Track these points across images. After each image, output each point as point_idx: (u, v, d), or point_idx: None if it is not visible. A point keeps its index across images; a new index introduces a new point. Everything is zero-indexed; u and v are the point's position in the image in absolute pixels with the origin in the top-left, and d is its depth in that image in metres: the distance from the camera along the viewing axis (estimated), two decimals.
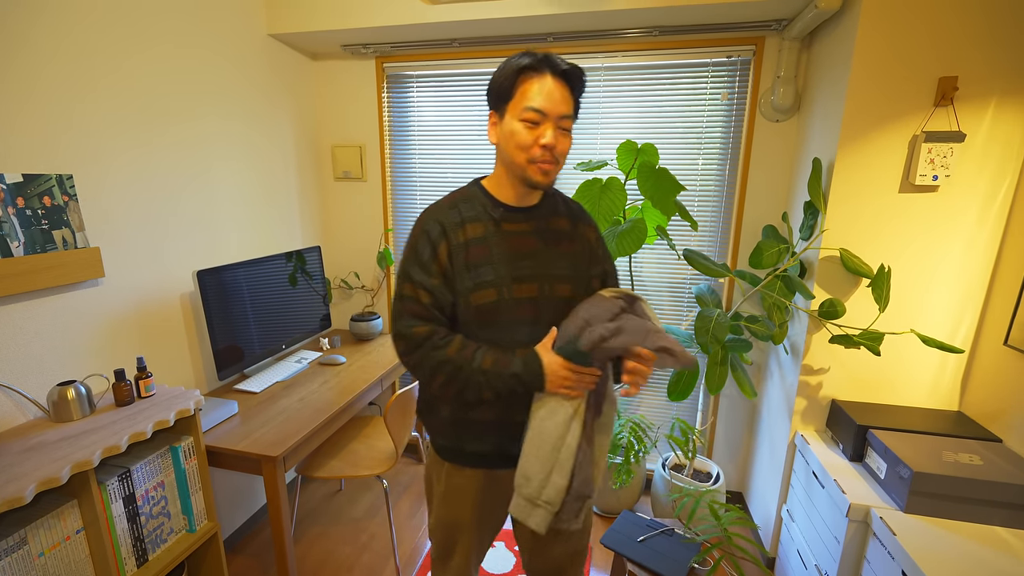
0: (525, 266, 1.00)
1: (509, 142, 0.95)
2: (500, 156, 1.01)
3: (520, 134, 0.93)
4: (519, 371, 0.95)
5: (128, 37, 1.49)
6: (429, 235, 0.99)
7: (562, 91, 0.92)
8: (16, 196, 1.22)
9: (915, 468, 1.30)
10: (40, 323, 1.31)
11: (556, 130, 0.94)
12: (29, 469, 1.06)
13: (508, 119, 0.95)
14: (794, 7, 1.68)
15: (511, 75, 0.92)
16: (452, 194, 1.05)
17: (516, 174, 0.98)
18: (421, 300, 0.98)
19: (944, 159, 1.45)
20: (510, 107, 0.94)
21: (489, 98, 0.99)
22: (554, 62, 0.92)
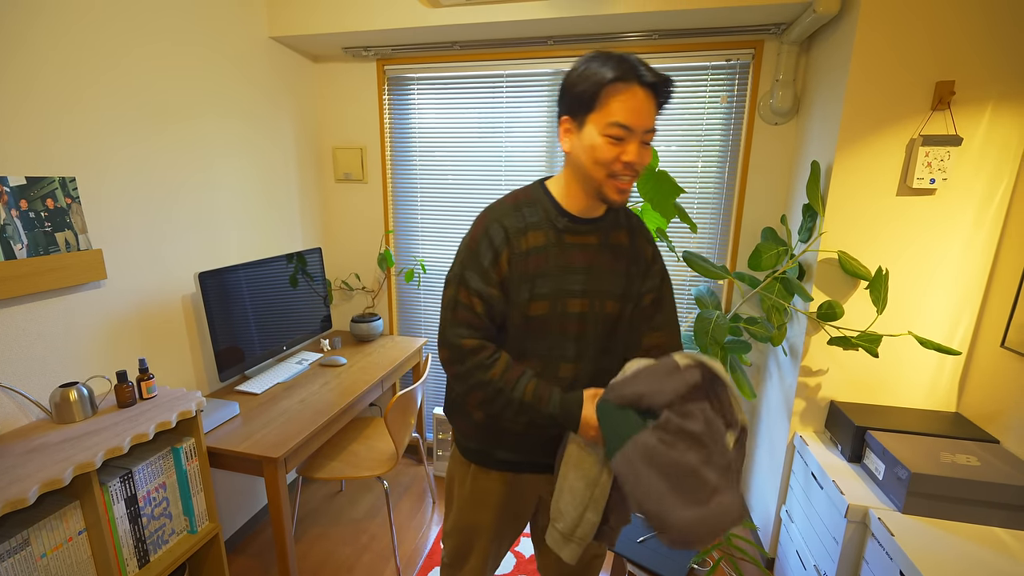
0: (579, 280, 0.96)
1: (587, 155, 0.89)
2: (572, 165, 0.94)
3: (601, 149, 0.87)
4: (555, 413, 0.93)
5: (130, 40, 1.50)
6: (492, 240, 0.93)
7: (649, 103, 0.86)
8: (19, 199, 1.22)
9: (913, 469, 1.30)
10: (43, 325, 1.31)
11: (640, 145, 0.87)
12: (32, 470, 1.06)
13: (588, 131, 0.88)
14: (792, 11, 1.69)
15: (595, 85, 0.84)
16: (515, 194, 0.99)
17: (590, 188, 0.92)
18: (475, 309, 0.93)
19: (941, 162, 1.46)
20: (592, 118, 0.87)
21: (563, 101, 0.91)
22: (642, 72, 0.84)
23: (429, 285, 2.53)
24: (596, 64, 0.85)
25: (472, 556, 1.14)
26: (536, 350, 0.97)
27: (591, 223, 0.98)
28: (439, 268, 2.49)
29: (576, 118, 0.90)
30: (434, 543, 2.08)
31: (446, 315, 0.96)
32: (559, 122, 0.95)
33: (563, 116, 0.92)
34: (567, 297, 0.96)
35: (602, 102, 0.85)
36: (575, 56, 2.09)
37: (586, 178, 0.92)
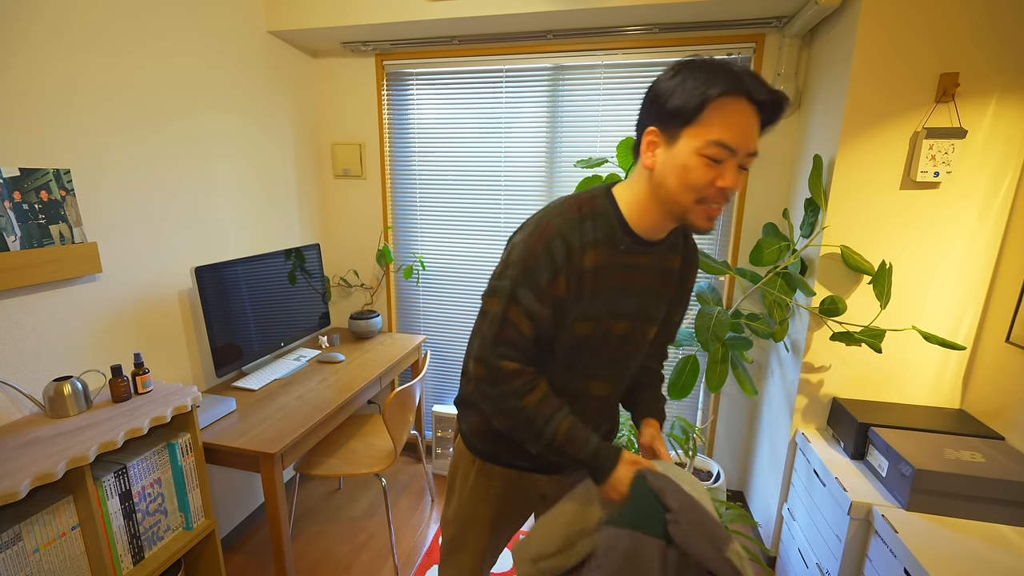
0: (629, 303, 0.90)
1: (677, 176, 0.78)
2: (653, 183, 0.82)
3: (696, 172, 0.76)
4: (586, 460, 0.88)
5: (127, 33, 1.49)
6: (553, 256, 0.83)
7: (756, 122, 0.76)
8: (13, 190, 1.21)
9: (917, 466, 1.29)
10: (36, 318, 1.30)
11: (738, 169, 0.77)
12: (24, 464, 1.05)
13: (682, 148, 0.77)
14: (794, 4, 1.67)
15: (699, 97, 0.73)
16: (579, 202, 0.88)
17: (671, 211, 0.83)
18: (522, 330, 0.85)
19: (945, 155, 1.44)
20: (688, 133, 0.76)
21: (651, 111, 0.80)
22: (755, 87, 0.73)
23: (428, 282, 2.51)
24: (701, 73, 0.74)
25: (471, 545, 1.13)
26: (571, 366, 0.92)
27: (652, 245, 0.90)
28: (438, 265, 2.48)
29: (667, 131, 0.78)
30: (432, 541, 2.06)
31: (489, 331, 0.87)
32: (641, 132, 0.83)
33: (649, 127, 0.81)
34: (613, 319, 0.90)
35: (704, 117, 0.74)
36: (575, 50, 2.08)
37: (669, 200, 0.81)
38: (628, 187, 0.88)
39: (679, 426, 1.98)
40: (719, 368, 1.76)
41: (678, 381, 1.85)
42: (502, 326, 0.85)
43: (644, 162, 0.82)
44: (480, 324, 0.90)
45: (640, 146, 0.84)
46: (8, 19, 1.20)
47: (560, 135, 2.19)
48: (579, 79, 2.12)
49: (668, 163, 0.79)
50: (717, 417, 2.27)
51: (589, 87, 2.11)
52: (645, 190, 0.84)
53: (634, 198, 0.86)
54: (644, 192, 0.85)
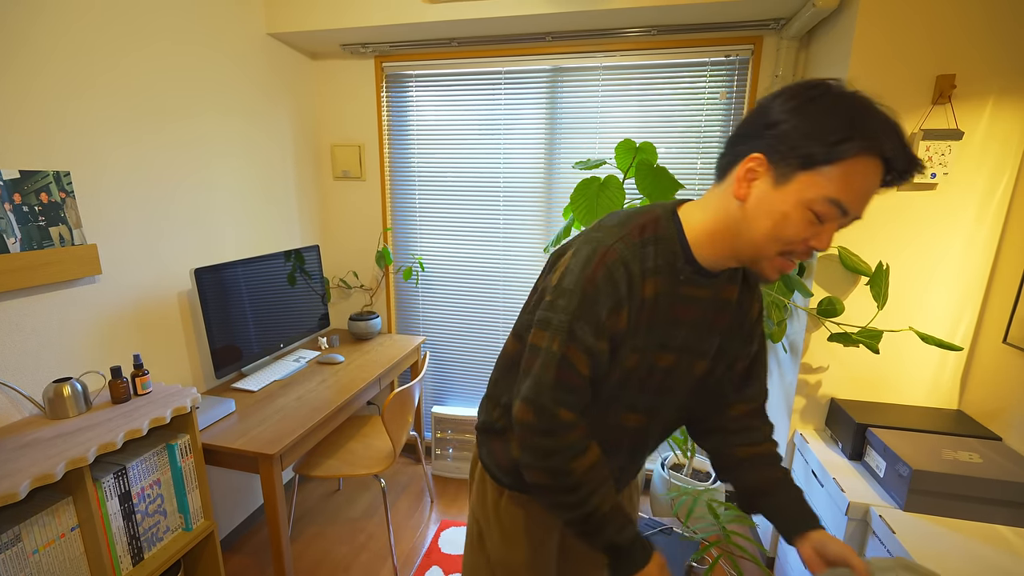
0: (679, 336, 0.82)
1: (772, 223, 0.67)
2: (737, 218, 0.71)
3: (796, 225, 0.66)
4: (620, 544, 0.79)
5: (126, 35, 1.49)
6: (616, 286, 0.73)
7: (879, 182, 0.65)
8: (13, 192, 1.22)
9: (914, 466, 1.29)
10: (37, 320, 1.31)
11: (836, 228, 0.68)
12: (24, 465, 1.05)
13: (790, 194, 0.65)
14: (792, 6, 1.68)
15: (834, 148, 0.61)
16: (642, 222, 0.77)
17: (744, 254, 0.73)
18: (581, 371, 0.75)
19: (942, 157, 1.44)
20: (803, 179, 0.64)
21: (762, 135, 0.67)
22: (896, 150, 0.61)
23: (427, 283, 2.52)
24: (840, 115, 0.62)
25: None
26: (609, 395, 0.83)
27: (713, 276, 0.80)
28: (437, 266, 2.48)
29: (777, 167, 0.66)
30: (432, 542, 2.07)
31: (547, 373, 0.75)
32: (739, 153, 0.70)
33: (755, 154, 0.68)
34: (660, 351, 0.81)
35: (835, 169, 0.62)
36: (573, 52, 2.08)
37: (749, 243, 0.71)
38: (701, 210, 0.76)
39: None
40: None
41: None
42: (560, 367, 0.75)
43: (736, 191, 0.70)
44: (531, 362, 0.78)
45: (732, 168, 0.71)
46: (8, 21, 1.21)
47: (559, 136, 2.20)
48: (578, 81, 2.12)
49: (766, 204, 0.67)
50: None
51: (588, 89, 2.12)
52: (723, 221, 0.73)
53: (706, 226, 0.75)
54: (721, 222, 0.73)
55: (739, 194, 0.70)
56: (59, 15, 1.31)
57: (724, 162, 0.74)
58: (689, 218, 0.77)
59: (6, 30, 1.20)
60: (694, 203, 0.79)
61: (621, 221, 0.78)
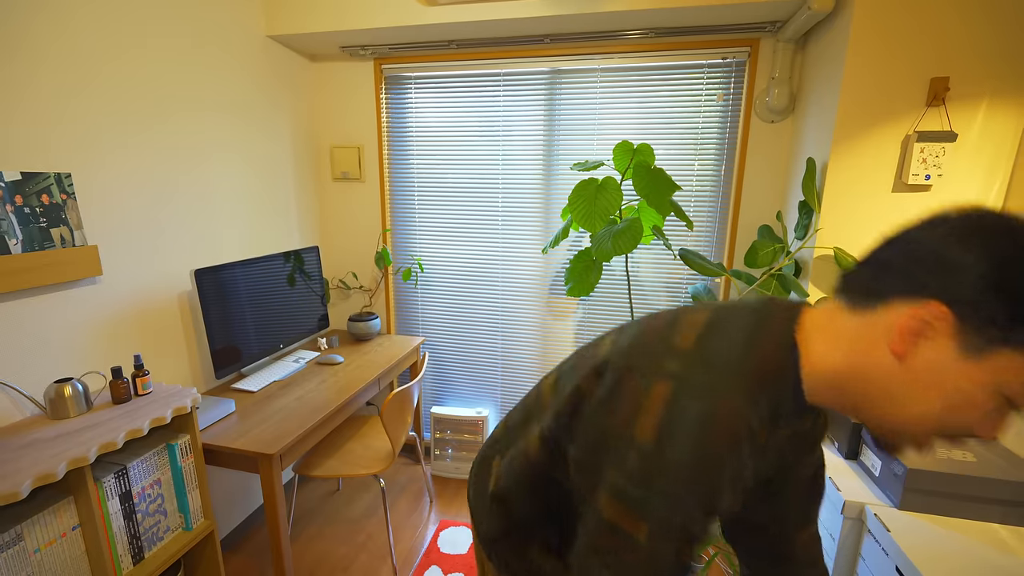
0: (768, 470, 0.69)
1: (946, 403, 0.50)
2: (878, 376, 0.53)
3: (976, 409, 0.49)
4: None
5: (126, 37, 1.50)
6: (742, 459, 0.53)
7: None
8: (14, 194, 1.22)
9: (909, 465, 1.30)
10: (38, 321, 1.31)
11: None
12: (25, 465, 1.06)
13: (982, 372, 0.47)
14: (788, 9, 1.69)
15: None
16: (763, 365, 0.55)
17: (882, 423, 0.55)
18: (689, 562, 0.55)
19: (936, 158, 1.46)
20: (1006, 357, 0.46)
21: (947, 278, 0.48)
22: None
23: (426, 284, 2.53)
24: None
25: None
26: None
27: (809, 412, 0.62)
28: (436, 266, 2.49)
29: (972, 334, 0.47)
30: (431, 542, 2.07)
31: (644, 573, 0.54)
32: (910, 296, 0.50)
33: (935, 302, 0.48)
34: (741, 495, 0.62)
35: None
36: (572, 54, 2.09)
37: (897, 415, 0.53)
38: (826, 344, 0.56)
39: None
40: None
41: None
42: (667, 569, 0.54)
43: (895, 344, 0.51)
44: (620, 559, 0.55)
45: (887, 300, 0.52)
46: (8, 22, 1.22)
47: (557, 138, 2.21)
48: (576, 83, 2.14)
49: (941, 377, 0.49)
50: None
51: (586, 90, 2.13)
52: (862, 373, 0.54)
53: (833, 369, 0.55)
54: (859, 374, 0.54)
55: (898, 349, 0.50)
56: (58, 17, 1.32)
57: (876, 285, 0.53)
58: (810, 350, 0.56)
59: (6, 32, 1.21)
60: (815, 326, 0.57)
61: (740, 359, 0.55)
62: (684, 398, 0.53)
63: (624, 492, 0.54)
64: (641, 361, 0.58)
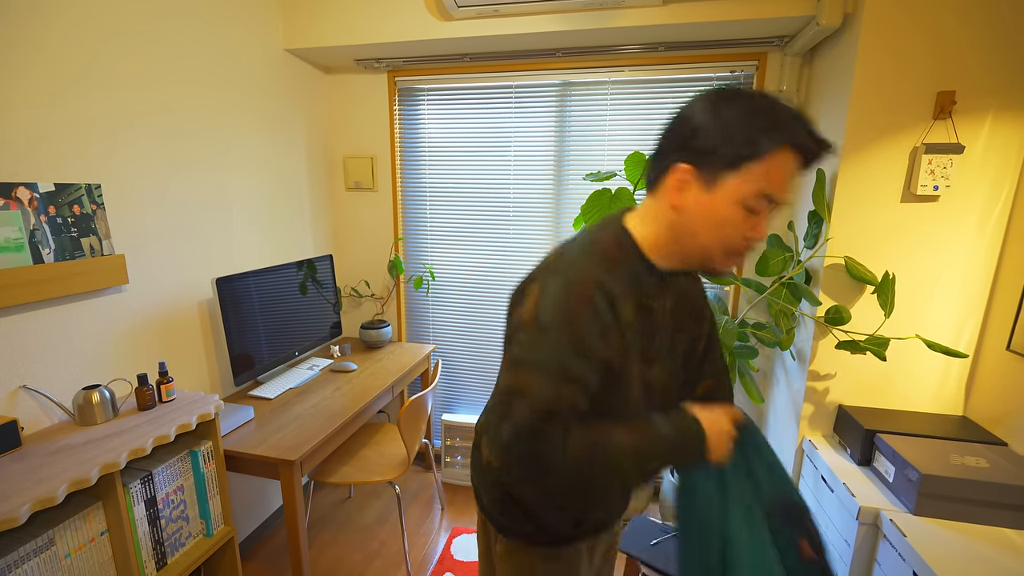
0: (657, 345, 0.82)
1: (711, 227, 0.71)
2: (678, 227, 0.74)
3: (733, 224, 0.70)
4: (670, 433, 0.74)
5: (155, 52, 1.54)
6: (597, 311, 0.70)
7: (798, 169, 0.70)
8: (48, 204, 1.26)
9: (924, 471, 1.32)
10: (67, 328, 1.34)
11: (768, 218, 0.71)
12: (59, 470, 1.08)
13: (722, 196, 0.69)
14: (795, 25, 1.74)
15: (755, 147, 0.66)
16: (603, 244, 0.76)
17: (693, 256, 0.75)
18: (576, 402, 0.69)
19: (944, 170, 1.49)
20: (730, 180, 0.68)
21: (685, 144, 0.70)
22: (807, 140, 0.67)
23: (437, 292, 2.55)
24: (753, 117, 0.67)
25: None
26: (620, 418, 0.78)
27: (669, 276, 0.82)
28: (447, 275, 2.52)
29: (704, 173, 0.69)
30: (444, 549, 2.08)
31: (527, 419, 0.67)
32: (667, 165, 0.73)
33: (681, 164, 0.71)
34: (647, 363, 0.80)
35: (760, 166, 0.67)
36: (582, 67, 2.14)
37: (696, 249, 0.74)
38: (644, 224, 0.78)
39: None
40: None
41: None
42: (545, 413, 0.67)
43: (671, 201, 0.73)
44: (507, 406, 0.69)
45: (662, 179, 0.74)
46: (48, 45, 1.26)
47: (568, 149, 2.25)
48: (587, 95, 2.18)
49: (702, 210, 0.71)
50: None
51: (596, 102, 2.18)
52: (667, 231, 0.75)
53: (654, 238, 0.77)
54: (665, 233, 0.76)
55: (674, 204, 0.73)
56: (92, 41, 1.36)
57: (653, 174, 0.77)
58: (636, 228, 0.78)
59: (48, 55, 1.25)
60: (634, 215, 0.80)
61: (584, 248, 0.76)
62: (548, 281, 0.73)
63: (516, 359, 0.71)
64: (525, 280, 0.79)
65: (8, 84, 1.18)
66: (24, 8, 1.20)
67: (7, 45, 1.18)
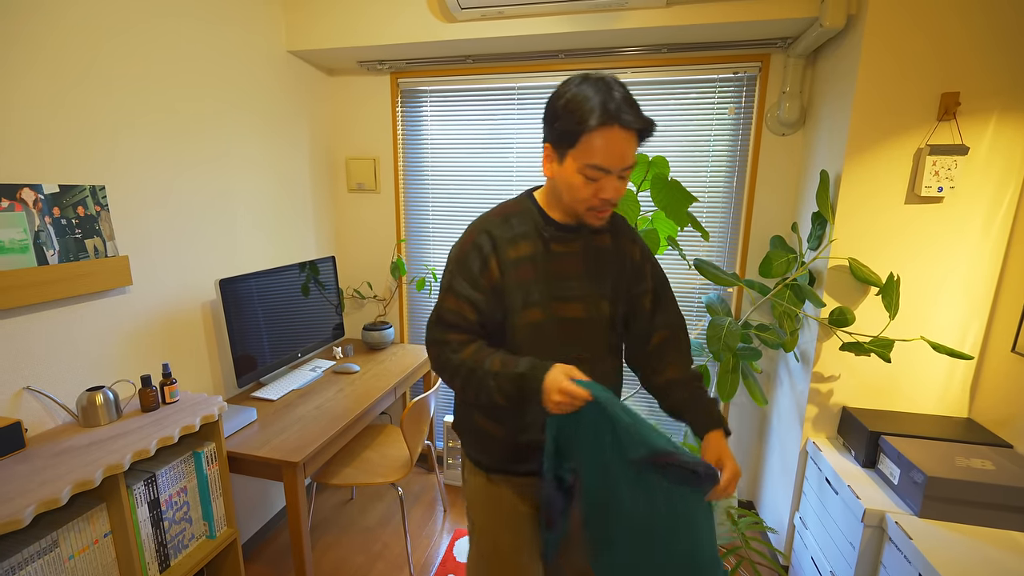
0: (572, 287, 0.99)
1: (566, 189, 0.92)
2: (555, 190, 0.97)
3: (580, 188, 0.90)
4: (522, 371, 0.90)
5: (158, 54, 1.55)
6: (480, 248, 0.95)
7: (629, 142, 0.86)
8: (52, 206, 1.26)
9: (929, 473, 1.32)
10: (71, 329, 1.34)
11: (618, 180, 0.89)
12: (63, 472, 1.08)
13: (567, 167, 0.90)
14: (799, 26, 1.74)
15: (576, 127, 0.85)
16: (504, 206, 1.02)
17: (570, 212, 0.97)
18: (464, 314, 0.96)
19: (948, 171, 1.49)
20: (571, 155, 0.88)
21: (545, 129, 0.93)
22: (626, 119, 0.83)
23: None
24: (580, 103, 0.84)
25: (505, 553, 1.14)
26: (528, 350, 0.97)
27: (575, 230, 1.01)
28: None
29: (556, 150, 0.91)
30: (446, 551, 2.08)
31: (433, 316, 1.00)
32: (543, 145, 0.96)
33: (545, 143, 0.94)
34: (561, 302, 0.98)
35: (582, 144, 0.86)
36: (586, 69, 2.14)
37: (566, 205, 0.96)
38: (543, 189, 1.03)
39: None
40: (730, 378, 1.80)
41: None
42: (442, 314, 0.98)
43: (544, 171, 0.97)
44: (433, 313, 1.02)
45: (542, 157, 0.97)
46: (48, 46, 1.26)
47: None
48: None
49: (559, 179, 0.93)
50: None
51: None
52: (551, 193, 0.99)
53: (546, 199, 1.01)
54: (550, 194, 1.00)
55: (546, 174, 0.96)
56: (92, 42, 1.36)
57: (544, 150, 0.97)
58: (539, 194, 1.03)
59: (50, 55, 1.26)
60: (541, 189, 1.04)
61: (490, 210, 1.03)
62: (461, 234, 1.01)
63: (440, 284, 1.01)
64: None
65: (9, 84, 1.18)
66: (25, 7, 1.20)
67: (7, 45, 1.18)
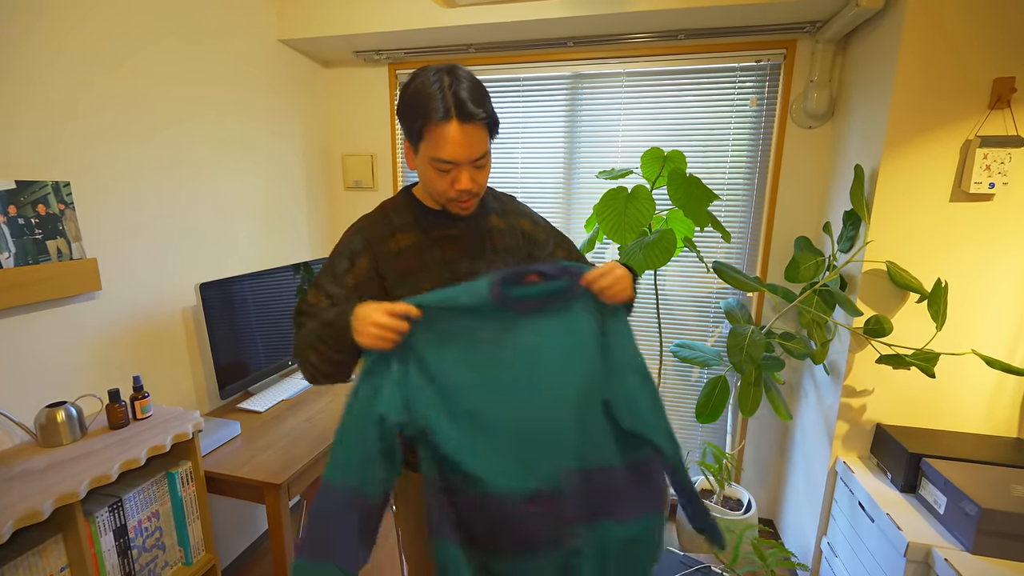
0: (460, 269, 0.98)
1: (425, 181, 0.92)
2: (420, 180, 0.97)
3: (435, 180, 0.89)
4: (331, 317, 0.86)
5: (134, 41, 1.43)
6: (351, 250, 0.96)
7: (476, 133, 0.85)
8: (7, 204, 1.14)
9: (983, 504, 1.17)
10: (30, 340, 1.22)
11: (472, 170, 0.88)
12: (10, 502, 0.96)
13: (421, 160, 0.90)
14: (830, 7, 1.59)
15: (418, 121, 0.84)
16: (383, 204, 1.03)
17: (435, 199, 0.96)
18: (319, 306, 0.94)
19: (1001, 165, 1.34)
20: (420, 149, 0.88)
21: (400, 123, 0.92)
22: (466, 112, 0.83)
23: None
24: (422, 97, 0.84)
25: None
26: None
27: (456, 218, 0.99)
28: None
29: (412, 144, 0.90)
30: None
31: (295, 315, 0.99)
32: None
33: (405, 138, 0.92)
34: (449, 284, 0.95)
35: (427, 138, 0.85)
36: (595, 58, 2.00)
37: (432, 196, 0.95)
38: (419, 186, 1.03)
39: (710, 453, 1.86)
40: (753, 391, 1.65)
41: (707, 404, 1.74)
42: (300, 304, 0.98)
43: (409, 166, 0.96)
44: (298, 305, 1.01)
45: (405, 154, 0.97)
46: (6, 23, 1.14)
47: (579, 146, 2.11)
48: (600, 88, 2.04)
49: (418, 171, 0.93)
50: (746, 442, 2.14)
51: (610, 96, 2.04)
52: (421, 185, 1.00)
53: (421, 191, 1.01)
54: (421, 186, 1.00)
55: (410, 167, 0.95)
56: (61, 19, 1.25)
57: None
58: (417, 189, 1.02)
59: (4, 31, 1.14)
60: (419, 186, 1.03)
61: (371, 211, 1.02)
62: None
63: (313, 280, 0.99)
64: None
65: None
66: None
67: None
